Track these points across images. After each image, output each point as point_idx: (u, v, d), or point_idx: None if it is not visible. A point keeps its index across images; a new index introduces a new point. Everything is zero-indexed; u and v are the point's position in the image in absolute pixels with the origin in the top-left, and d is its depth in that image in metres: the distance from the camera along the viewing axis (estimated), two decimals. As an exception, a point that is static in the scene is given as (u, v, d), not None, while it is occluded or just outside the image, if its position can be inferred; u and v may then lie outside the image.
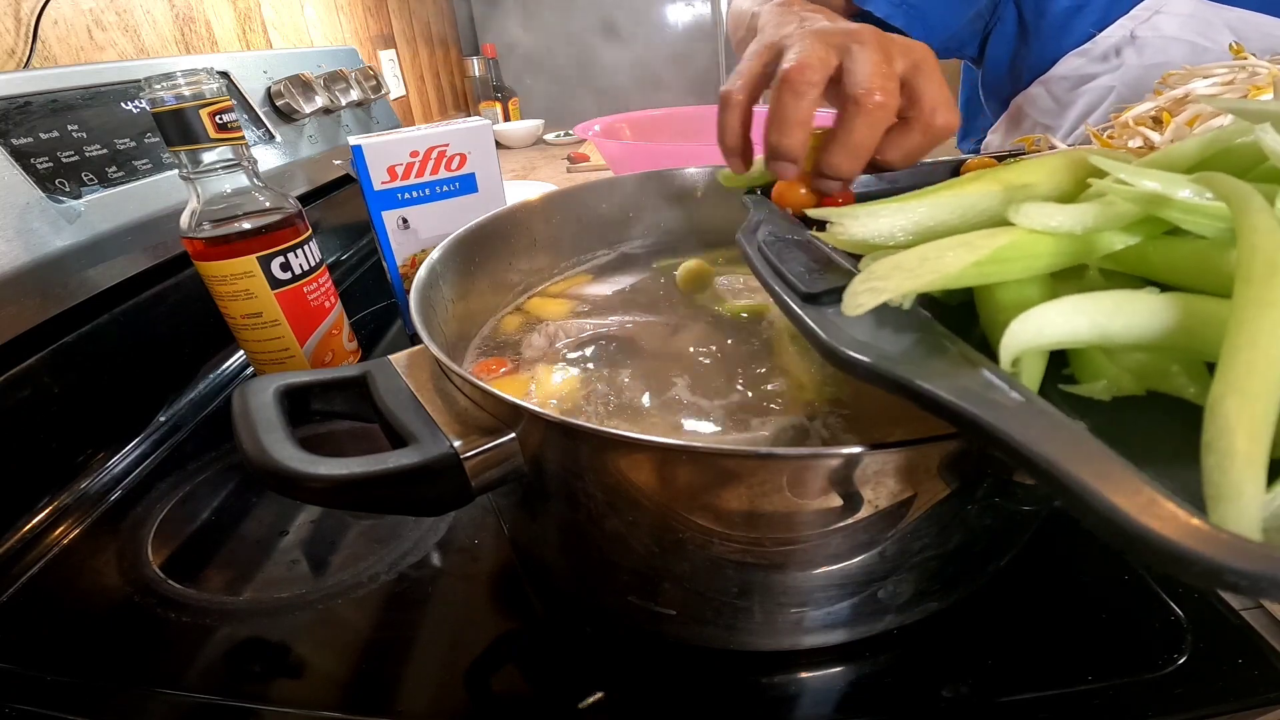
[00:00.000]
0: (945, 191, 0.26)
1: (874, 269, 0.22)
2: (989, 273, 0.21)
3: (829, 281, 0.24)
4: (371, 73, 1.00)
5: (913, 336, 0.21)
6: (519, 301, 0.49)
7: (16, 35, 0.57)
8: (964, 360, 0.19)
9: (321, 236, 0.63)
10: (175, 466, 0.47)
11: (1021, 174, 0.26)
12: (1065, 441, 0.15)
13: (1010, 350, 0.19)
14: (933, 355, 0.20)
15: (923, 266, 0.21)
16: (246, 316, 0.46)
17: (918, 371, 0.19)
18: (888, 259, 0.22)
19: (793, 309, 0.24)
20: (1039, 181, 0.25)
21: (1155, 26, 0.59)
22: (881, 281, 0.21)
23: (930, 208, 0.25)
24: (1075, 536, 0.36)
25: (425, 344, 0.29)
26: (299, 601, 0.35)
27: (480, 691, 0.30)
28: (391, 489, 0.25)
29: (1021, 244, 0.21)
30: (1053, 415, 0.16)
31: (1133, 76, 0.60)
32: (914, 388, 0.18)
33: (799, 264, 0.27)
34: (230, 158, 0.44)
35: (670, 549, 0.26)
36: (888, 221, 0.25)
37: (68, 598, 0.37)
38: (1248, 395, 0.15)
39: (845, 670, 0.30)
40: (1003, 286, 0.22)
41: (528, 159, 1.42)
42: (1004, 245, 0.21)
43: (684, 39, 1.88)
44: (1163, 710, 0.28)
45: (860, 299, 0.21)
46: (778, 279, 0.26)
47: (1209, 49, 0.57)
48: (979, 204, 0.25)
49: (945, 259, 0.21)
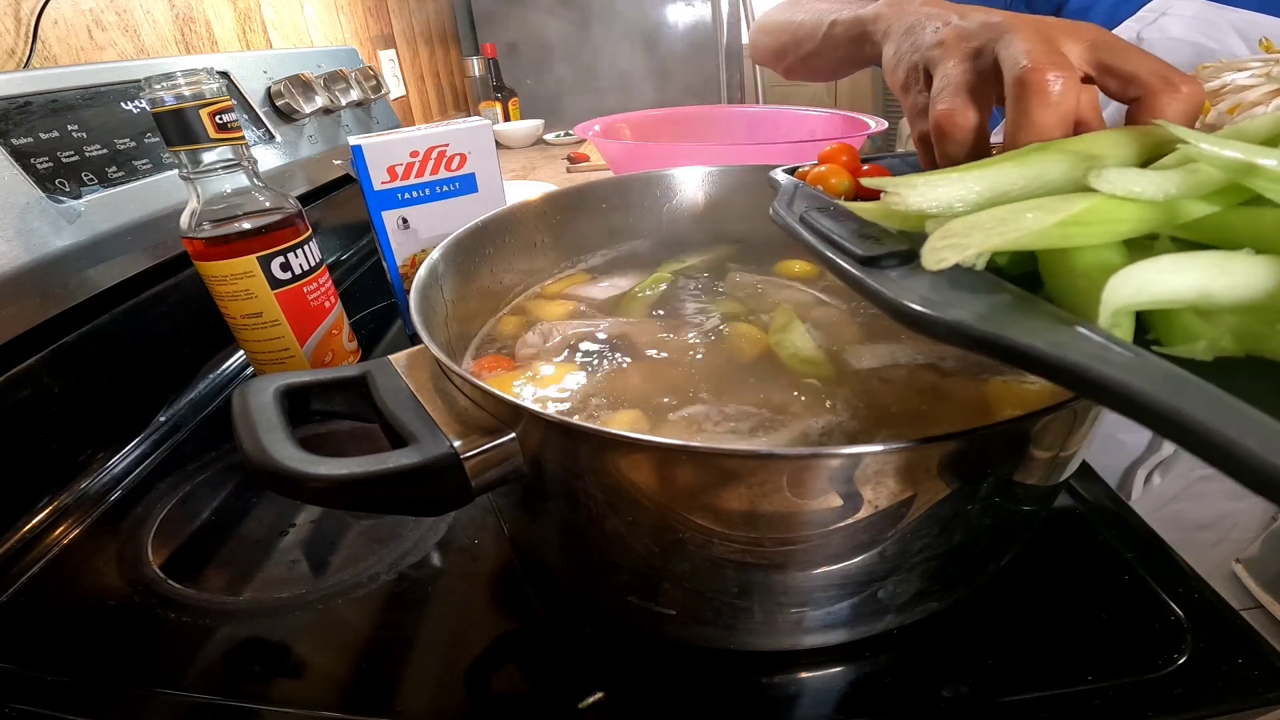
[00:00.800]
0: (1007, 162, 0.25)
1: (950, 228, 0.21)
2: (1072, 234, 0.21)
3: (887, 245, 0.24)
4: (371, 73, 1.00)
5: (993, 296, 0.20)
6: (519, 301, 0.49)
7: (16, 35, 0.57)
8: (1057, 318, 0.19)
9: (321, 236, 0.63)
10: (175, 466, 0.47)
11: (1088, 145, 0.25)
12: (1198, 396, 0.14)
13: (1110, 306, 0.18)
14: (1022, 314, 0.19)
15: (1003, 225, 0.20)
16: (246, 316, 0.46)
17: (1015, 329, 0.18)
18: (962, 220, 0.21)
19: (853, 273, 0.23)
20: (1107, 152, 0.24)
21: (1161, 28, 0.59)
22: (962, 239, 0.20)
23: (996, 176, 0.24)
24: (1075, 536, 0.37)
25: (425, 344, 0.29)
26: (299, 601, 0.35)
27: (480, 691, 0.30)
28: (391, 489, 0.25)
29: (1103, 208, 0.21)
30: (1175, 370, 0.15)
31: None
32: (1016, 345, 0.17)
33: (848, 231, 0.26)
34: (230, 158, 0.44)
35: (670, 549, 0.26)
36: (947, 191, 0.24)
37: (68, 598, 0.37)
38: None
39: (845, 670, 0.30)
40: (1080, 251, 0.22)
41: (528, 159, 1.42)
42: (1087, 208, 0.20)
43: (684, 39, 1.88)
44: (1163, 710, 0.28)
45: (942, 254, 0.20)
46: (829, 245, 0.25)
47: (1215, 50, 0.57)
48: (1045, 173, 0.24)
49: (1025, 219, 0.20)
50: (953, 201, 0.24)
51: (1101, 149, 0.24)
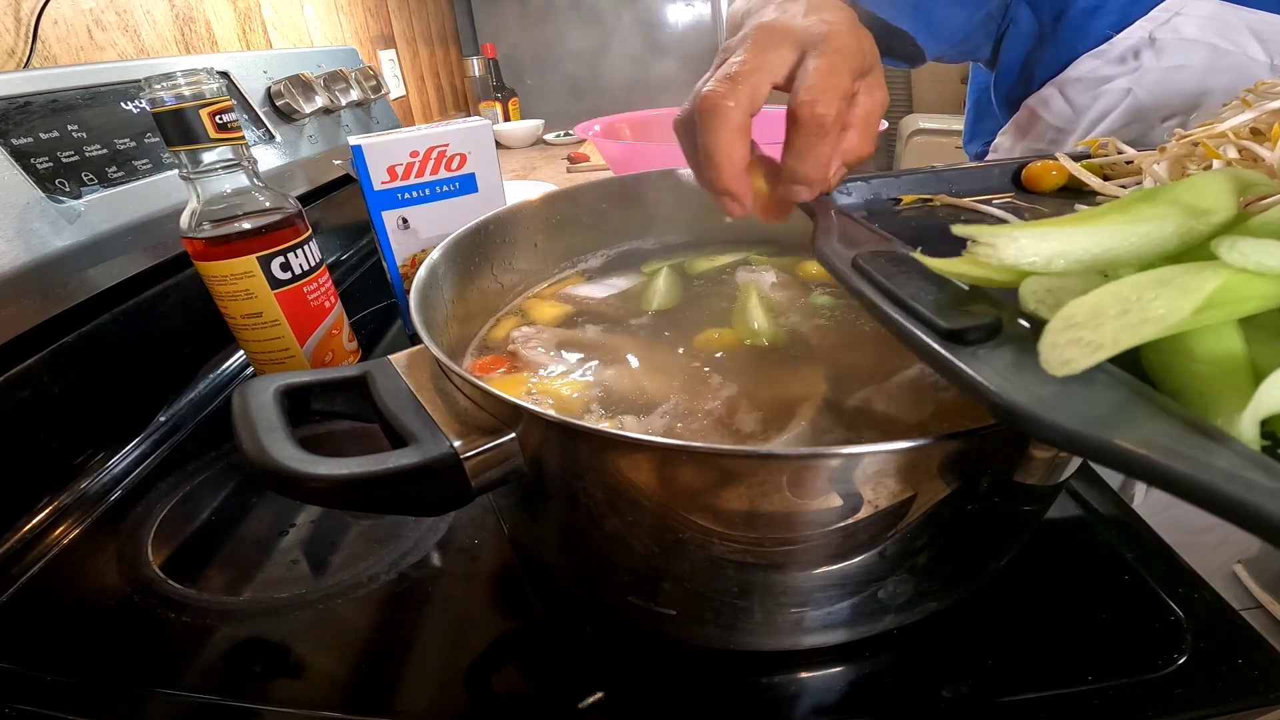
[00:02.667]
0: (1117, 215, 0.23)
1: (1071, 314, 0.19)
2: (1202, 319, 0.19)
3: (971, 317, 0.21)
4: (371, 73, 1.00)
5: (1108, 392, 0.18)
6: (519, 301, 0.49)
7: (16, 35, 0.57)
8: (1192, 427, 0.17)
9: (321, 236, 0.63)
10: (175, 466, 0.47)
11: (1194, 195, 0.23)
12: None
13: (1260, 415, 0.16)
14: (1146, 417, 0.17)
15: (1132, 313, 0.18)
16: (246, 316, 0.46)
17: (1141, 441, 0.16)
18: (1080, 304, 0.19)
19: (939, 354, 0.20)
20: (1216, 205, 0.22)
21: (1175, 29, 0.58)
22: (1091, 333, 0.18)
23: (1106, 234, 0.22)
24: (1076, 537, 0.37)
25: (425, 344, 0.29)
26: (299, 601, 0.35)
27: (480, 691, 0.30)
28: (391, 489, 0.25)
29: (1234, 286, 0.18)
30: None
31: (1151, 79, 0.59)
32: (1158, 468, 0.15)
33: (919, 288, 0.23)
34: (230, 158, 0.44)
35: (670, 549, 0.26)
36: (1050, 247, 0.21)
37: (68, 598, 0.37)
38: None
39: (845, 670, 0.30)
40: (1200, 332, 0.19)
41: (528, 159, 1.42)
42: (1220, 287, 0.18)
43: (684, 39, 1.88)
44: (1163, 710, 0.28)
45: (1067, 354, 0.18)
46: (900, 309, 0.23)
47: (1230, 52, 0.56)
48: (1155, 233, 0.22)
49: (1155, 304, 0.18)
50: (1053, 258, 0.22)
51: (1208, 201, 0.22)
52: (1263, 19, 0.56)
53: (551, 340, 0.42)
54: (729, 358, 0.39)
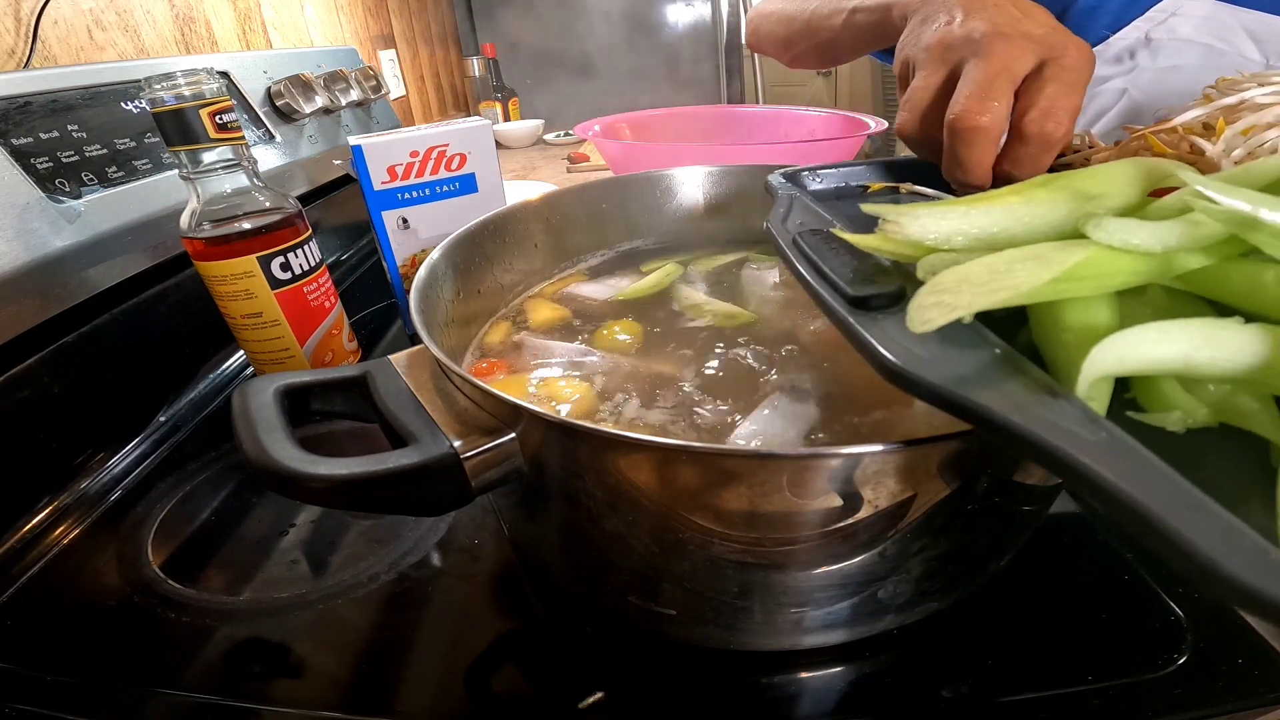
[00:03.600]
0: (1012, 197, 0.24)
1: (940, 282, 0.21)
2: (1063, 290, 0.20)
3: (877, 285, 0.23)
4: (371, 73, 1.00)
5: (978, 354, 0.20)
6: (519, 301, 0.49)
7: (16, 35, 0.57)
8: (1040, 387, 0.18)
9: (321, 236, 0.63)
10: (175, 466, 0.47)
11: (1092, 182, 0.24)
12: (1158, 485, 0.15)
13: (1089, 377, 0.18)
14: (1004, 378, 0.19)
15: (994, 281, 0.20)
16: (246, 316, 0.46)
17: (994, 398, 0.18)
18: (952, 272, 0.21)
19: (842, 316, 0.23)
20: (1110, 192, 0.24)
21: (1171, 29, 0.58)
22: (951, 296, 0.20)
23: (999, 214, 0.24)
24: (1076, 537, 0.37)
25: (425, 344, 0.29)
26: (299, 601, 0.35)
27: (480, 691, 0.30)
28: (391, 489, 0.25)
29: (1097, 261, 0.20)
30: (1140, 454, 0.16)
31: (1146, 79, 0.60)
32: (992, 418, 0.17)
33: (840, 262, 0.25)
34: (230, 158, 0.44)
35: (670, 549, 0.26)
36: (949, 225, 0.23)
37: (68, 598, 0.37)
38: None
39: (845, 670, 0.30)
40: (1070, 304, 0.21)
41: (528, 159, 1.42)
42: (1081, 262, 0.20)
43: (684, 39, 1.88)
44: (1163, 710, 0.28)
45: (928, 314, 0.20)
46: (819, 278, 0.25)
47: (1225, 52, 0.56)
48: (1048, 215, 0.23)
49: (1017, 274, 0.20)
50: (952, 235, 0.23)
51: (1103, 187, 0.24)
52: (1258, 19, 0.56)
53: (551, 340, 0.42)
54: (733, 355, 0.39)
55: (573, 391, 0.37)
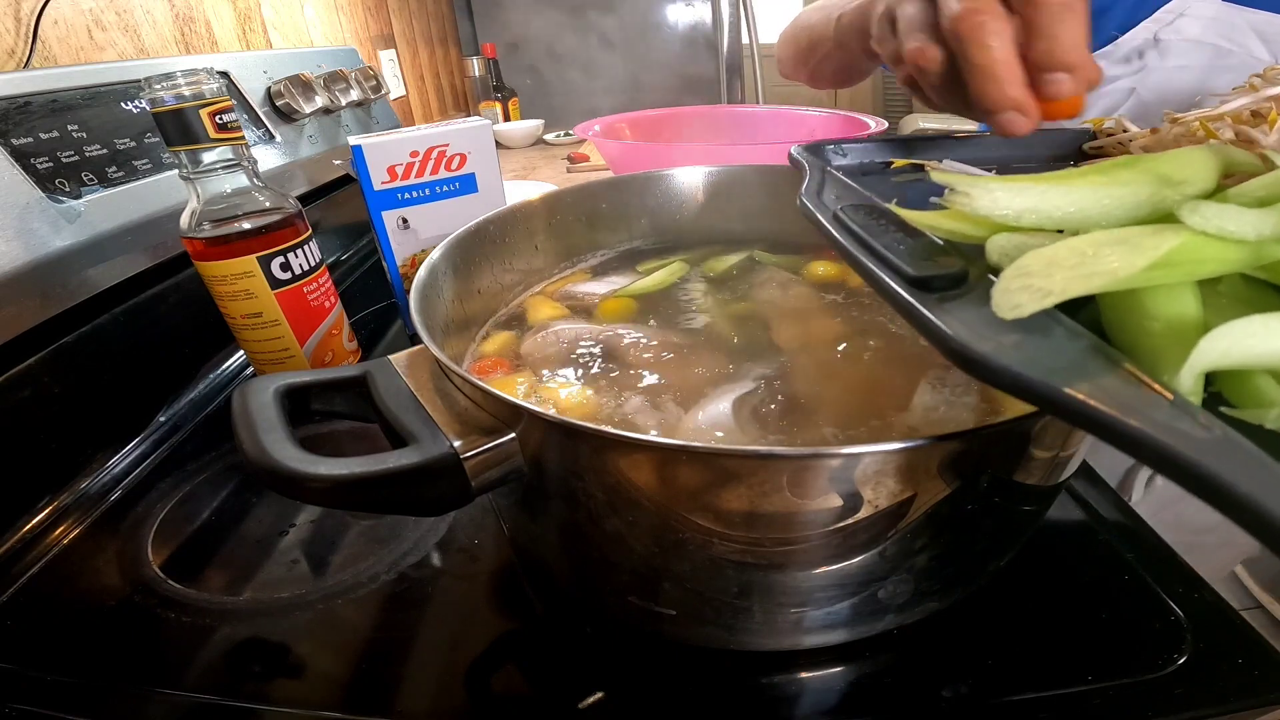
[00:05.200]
0: (1093, 176, 0.23)
1: (1026, 264, 0.19)
2: (1155, 277, 0.19)
3: (938, 265, 0.21)
4: (371, 73, 1.00)
5: (1064, 343, 0.18)
6: (519, 301, 0.49)
7: (16, 35, 0.57)
8: (1135, 379, 0.17)
9: (321, 236, 0.63)
10: (175, 466, 0.47)
11: (1173, 167, 0.23)
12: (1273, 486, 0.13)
13: (1195, 370, 0.17)
14: (1099, 370, 0.17)
15: (1084, 266, 0.18)
16: (246, 316, 0.46)
17: (1094, 393, 0.16)
18: (1037, 254, 0.19)
19: (904, 299, 0.21)
20: (1192, 177, 0.23)
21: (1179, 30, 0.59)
22: (1042, 280, 0.18)
23: (1081, 194, 0.22)
24: (1076, 537, 0.37)
25: (425, 344, 0.29)
26: (299, 601, 0.35)
27: (480, 691, 0.30)
28: (391, 489, 0.25)
29: (1191, 247, 0.19)
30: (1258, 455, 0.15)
31: (1155, 80, 0.60)
32: (1093, 414, 0.16)
33: (892, 239, 0.24)
34: (230, 158, 0.44)
35: (670, 549, 0.26)
36: (1024, 201, 0.22)
37: (68, 598, 0.37)
38: None
39: (845, 670, 0.30)
40: (1155, 291, 0.20)
41: (528, 159, 1.42)
42: (1175, 248, 0.19)
43: (684, 39, 1.87)
44: (1163, 710, 0.28)
45: (1017, 298, 0.18)
46: (873, 257, 0.23)
47: (1233, 52, 0.56)
48: (1129, 197, 0.22)
49: (1108, 259, 0.18)
50: (1024, 212, 0.22)
51: (1185, 172, 0.23)
52: (1268, 19, 0.56)
53: (551, 339, 0.42)
54: (735, 355, 0.39)
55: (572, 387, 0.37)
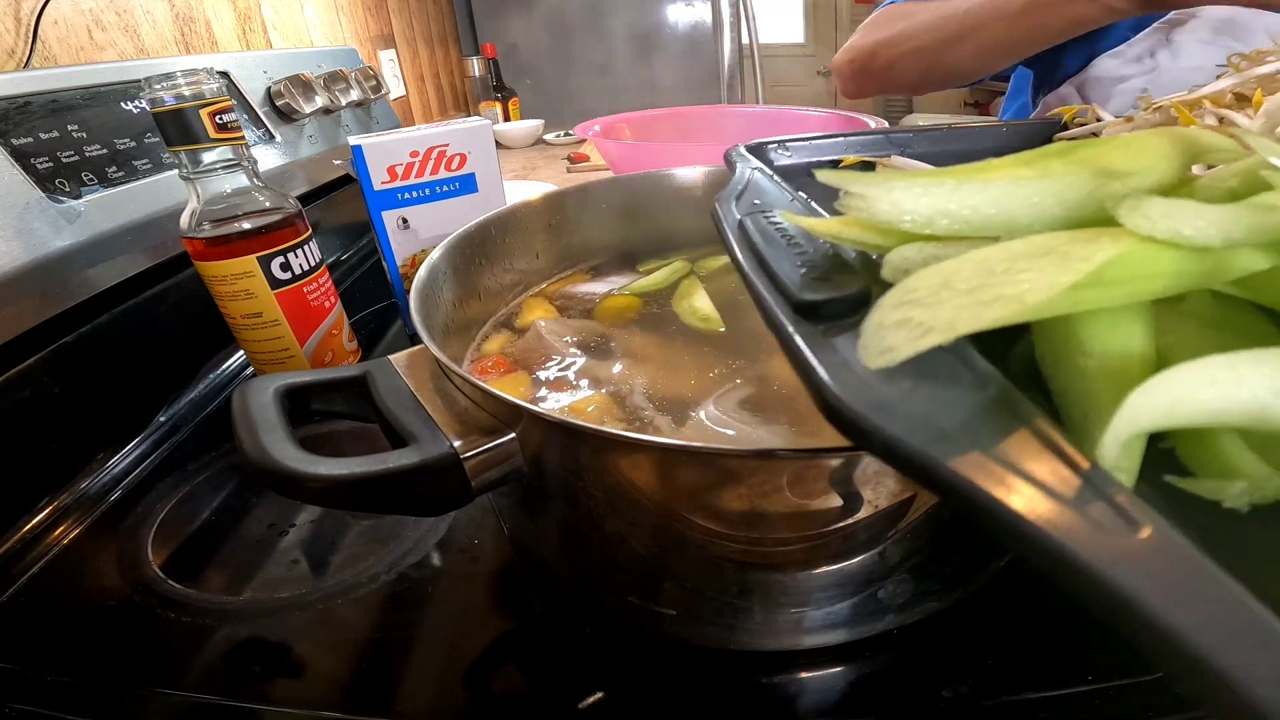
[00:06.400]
0: (1019, 169, 0.18)
1: (912, 287, 0.15)
2: (1085, 300, 0.15)
3: (832, 287, 0.18)
4: (371, 73, 1.00)
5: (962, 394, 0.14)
6: (519, 301, 0.49)
7: (16, 35, 0.57)
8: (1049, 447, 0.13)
9: (321, 236, 0.63)
10: (175, 466, 0.47)
11: (1120, 155, 0.18)
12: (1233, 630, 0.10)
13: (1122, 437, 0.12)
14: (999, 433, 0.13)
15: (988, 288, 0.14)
16: (246, 316, 0.46)
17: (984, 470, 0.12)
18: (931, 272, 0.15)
19: (783, 327, 0.17)
20: (1145, 167, 0.18)
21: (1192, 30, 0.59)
22: (924, 311, 0.14)
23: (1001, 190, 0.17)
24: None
25: (425, 344, 0.29)
26: (299, 601, 0.35)
27: (480, 691, 0.30)
28: (391, 489, 0.25)
29: (1134, 258, 0.14)
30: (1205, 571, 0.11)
31: (1166, 80, 0.60)
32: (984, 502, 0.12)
33: (793, 254, 0.20)
34: (230, 158, 0.44)
35: (670, 549, 0.26)
36: (931, 202, 0.17)
37: (68, 598, 0.37)
38: None
39: (845, 670, 0.30)
40: (1091, 318, 0.16)
41: (528, 159, 1.42)
42: (1111, 260, 0.14)
43: (684, 39, 1.88)
44: (1163, 710, 0.27)
45: (890, 338, 0.14)
46: (764, 275, 0.20)
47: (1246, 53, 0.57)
48: (1064, 193, 0.17)
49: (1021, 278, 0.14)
50: (935, 217, 0.17)
51: (1135, 162, 0.18)
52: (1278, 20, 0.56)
53: (551, 339, 0.42)
54: (734, 355, 0.39)
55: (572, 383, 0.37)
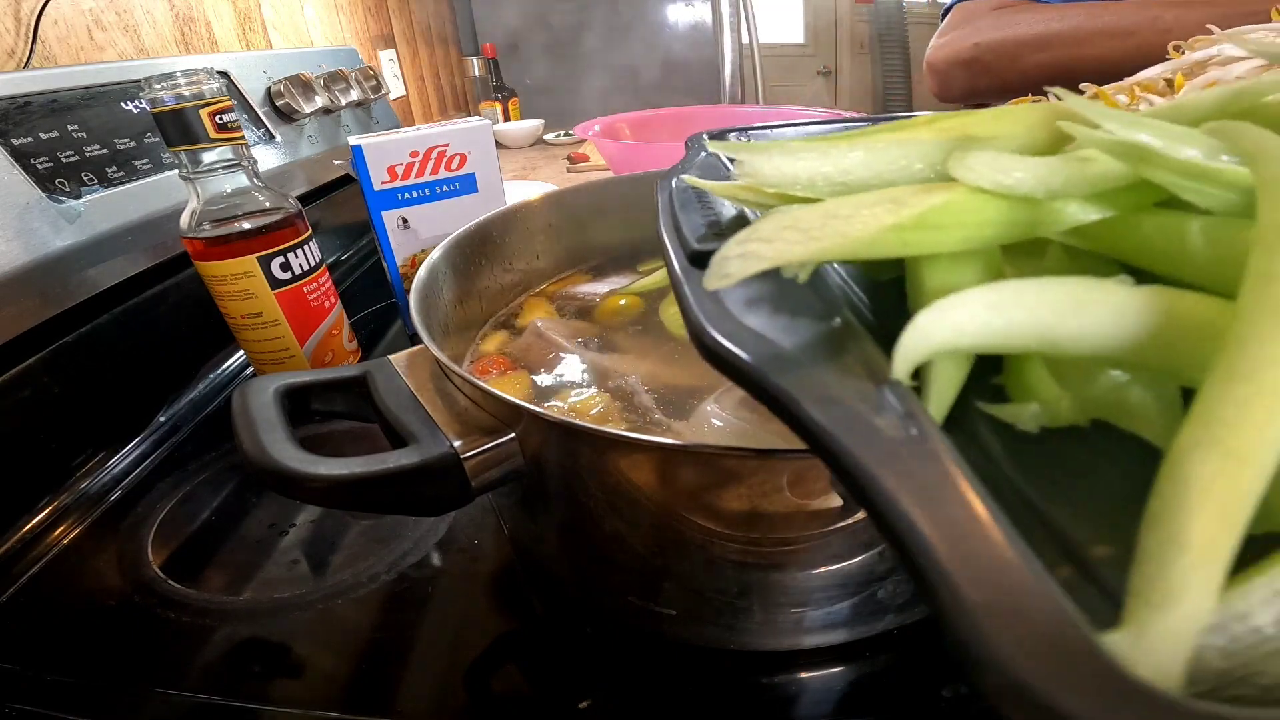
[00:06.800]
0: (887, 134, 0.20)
1: (760, 226, 0.17)
2: (913, 241, 0.16)
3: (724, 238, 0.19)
4: (371, 73, 1.00)
5: (814, 325, 0.16)
6: (519, 301, 0.49)
7: (16, 35, 0.57)
8: (864, 367, 0.15)
9: (321, 236, 0.63)
10: (175, 466, 0.47)
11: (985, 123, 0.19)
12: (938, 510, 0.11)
13: (909, 355, 0.14)
14: (829, 357, 0.15)
15: (824, 228, 0.16)
16: (246, 316, 0.46)
17: (801, 381, 0.14)
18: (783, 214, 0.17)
19: (675, 274, 0.19)
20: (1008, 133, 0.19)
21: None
22: (762, 244, 0.16)
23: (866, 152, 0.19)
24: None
25: (425, 344, 0.29)
26: (299, 601, 0.35)
27: (480, 691, 0.30)
28: (391, 489, 0.25)
29: (960, 206, 0.16)
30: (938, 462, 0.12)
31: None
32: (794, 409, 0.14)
33: (702, 216, 0.22)
34: (230, 158, 0.44)
35: (670, 549, 0.26)
36: (805, 165, 0.19)
37: (68, 598, 0.37)
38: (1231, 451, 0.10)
39: (845, 670, 0.30)
40: (932, 263, 0.17)
41: (528, 159, 1.42)
42: (936, 206, 0.16)
43: (684, 40, 1.88)
44: (1163, 710, 0.27)
45: (728, 267, 0.16)
46: (671, 231, 0.22)
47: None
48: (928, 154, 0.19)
49: (855, 220, 0.16)
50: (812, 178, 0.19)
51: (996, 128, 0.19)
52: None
53: (551, 339, 0.42)
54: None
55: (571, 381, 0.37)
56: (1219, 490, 0.10)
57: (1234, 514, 0.10)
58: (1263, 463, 0.10)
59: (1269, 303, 0.11)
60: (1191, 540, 0.10)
